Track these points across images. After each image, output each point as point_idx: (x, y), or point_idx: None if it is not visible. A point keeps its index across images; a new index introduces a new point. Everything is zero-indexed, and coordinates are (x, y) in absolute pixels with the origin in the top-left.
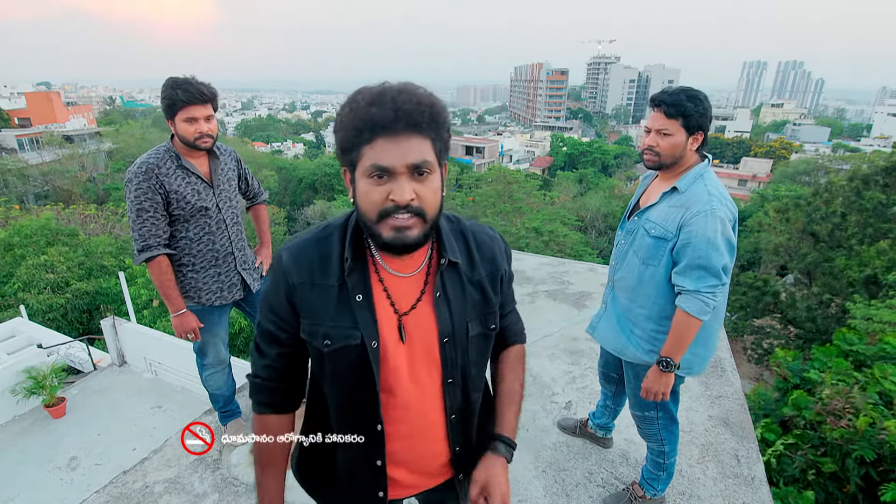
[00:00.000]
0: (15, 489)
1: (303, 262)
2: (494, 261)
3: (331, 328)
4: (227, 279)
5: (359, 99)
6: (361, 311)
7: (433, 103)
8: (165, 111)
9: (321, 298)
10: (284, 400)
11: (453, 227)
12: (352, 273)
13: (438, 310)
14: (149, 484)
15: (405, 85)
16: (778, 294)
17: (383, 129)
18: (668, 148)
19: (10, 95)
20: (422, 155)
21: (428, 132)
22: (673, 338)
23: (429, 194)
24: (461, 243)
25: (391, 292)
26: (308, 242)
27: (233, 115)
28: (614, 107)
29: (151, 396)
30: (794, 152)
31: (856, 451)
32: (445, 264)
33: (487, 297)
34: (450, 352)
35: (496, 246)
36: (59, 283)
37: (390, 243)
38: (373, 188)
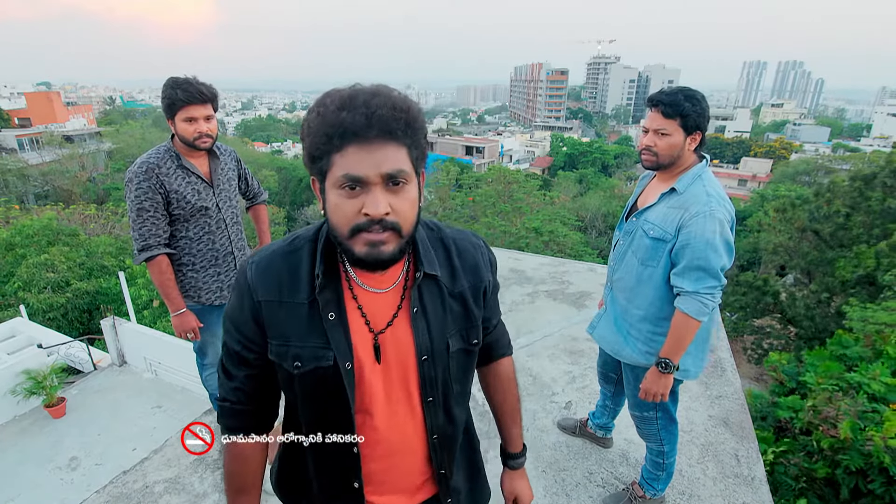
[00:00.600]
0: (15, 489)
1: (270, 277)
2: (477, 271)
3: (301, 349)
4: (226, 279)
5: (328, 102)
6: (334, 330)
7: (409, 107)
8: (165, 111)
9: (290, 317)
10: (256, 423)
11: (433, 235)
12: (323, 290)
13: (416, 326)
14: (149, 484)
15: (378, 87)
16: (778, 294)
17: (355, 135)
18: (666, 148)
19: (11, 95)
20: (397, 164)
21: (403, 139)
22: (672, 339)
23: (405, 206)
24: (441, 253)
25: (366, 309)
26: (275, 256)
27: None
28: (614, 107)
29: (151, 396)
30: (794, 152)
31: (845, 460)
32: (421, 278)
33: (469, 311)
34: (429, 370)
35: (479, 255)
36: (60, 283)
37: (364, 259)
38: (344, 201)
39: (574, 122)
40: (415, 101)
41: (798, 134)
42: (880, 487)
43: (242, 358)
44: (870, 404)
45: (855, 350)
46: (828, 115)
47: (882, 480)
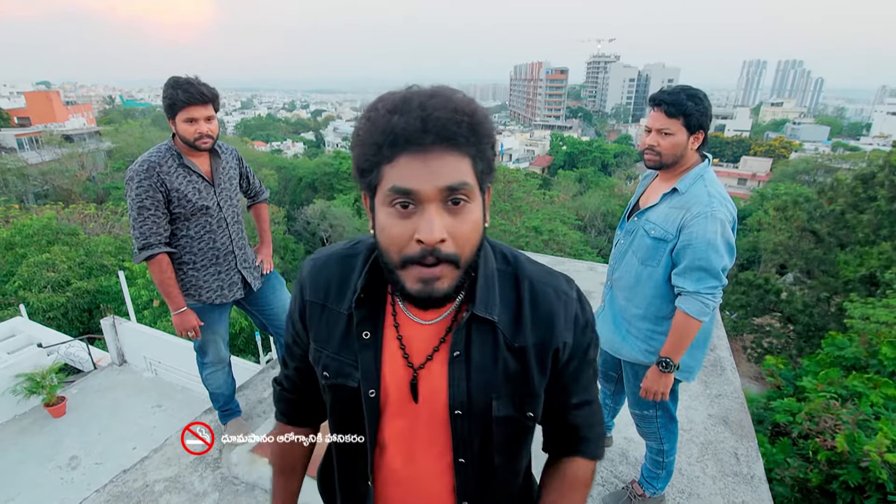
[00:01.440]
0: (15, 488)
1: (321, 278)
2: (552, 326)
3: (331, 360)
4: (227, 278)
5: (379, 107)
6: (365, 351)
7: (474, 110)
8: (166, 111)
9: (329, 324)
10: (299, 415)
11: (505, 270)
12: (362, 305)
13: (452, 373)
14: (149, 483)
15: (437, 88)
16: (779, 292)
17: (408, 142)
18: (669, 147)
19: (10, 95)
20: (458, 175)
21: (466, 147)
22: (673, 339)
23: (465, 230)
24: (509, 293)
25: (406, 341)
26: (332, 258)
27: (232, 115)
28: (614, 106)
29: (152, 395)
30: (794, 151)
31: (843, 475)
32: (466, 318)
33: (528, 374)
34: (461, 428)
35: (562, 306)
36: (60, 282)
37: (415, 297)
38: (394, 222)
39: (574, 121)
40: (481, 105)
41: (798, 133)
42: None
43: (292, 351)
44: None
45: (850, 351)
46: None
47: (878, 497)
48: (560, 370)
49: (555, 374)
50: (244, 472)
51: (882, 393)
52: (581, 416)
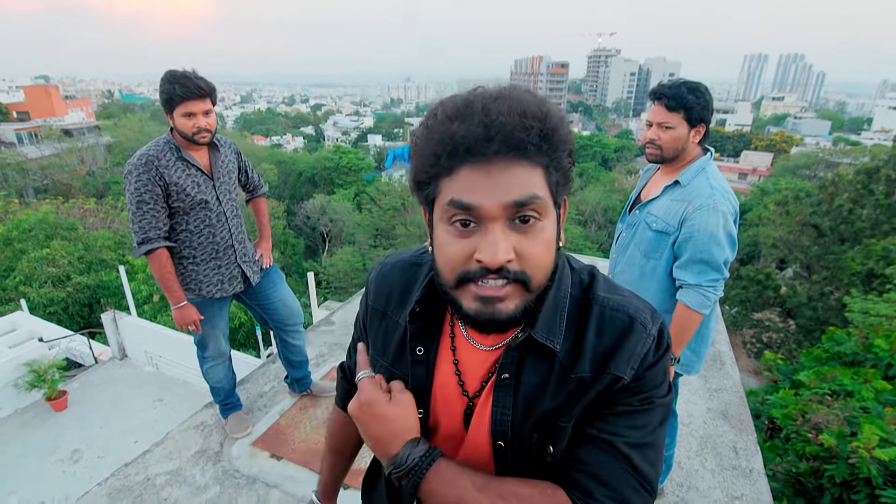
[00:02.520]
0: (18, 481)
1: (384, 285)
2: (612, 358)
3: (384, 370)
4: (227, 272)
5: (438, 112)
6: (418, 367)
7: (547, 114)
8: (164, 105)
9: (387, 333)
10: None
11: (579, 295)
12: (417, 319)
13: (497, 398)
14: (150, 476)
15: (504, 89)
16: (778, 288)
17: (469, 152)
18: (670, 141)
19: (9, 89)
20: (527, 188)
21: (538, 157)
22: (674, 331)
23: (537, 250)
24: (575, 319)
25: (463, 366)
26: (398, 265)
27: (232, 109)
28: (615, 100)
29: (152, 389)
30: (795, 146)
31: (831, 470)
32: (522, 338)
33: (567, 405)
34: (505, 460)
35: (632, 340)
36: (60, 277)
37: (474, 318)
38: (452, 240)
39: (574, 116)
40: (556, 106)
41: (799, 127)
42: (864, 499)
43: (354, 345)
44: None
45: (849, 346)
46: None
47: (867, 492)
48: (604, 404)
49: (597, 408)
50: (245, 465)
51: (872, 387)
52: (594, 456)
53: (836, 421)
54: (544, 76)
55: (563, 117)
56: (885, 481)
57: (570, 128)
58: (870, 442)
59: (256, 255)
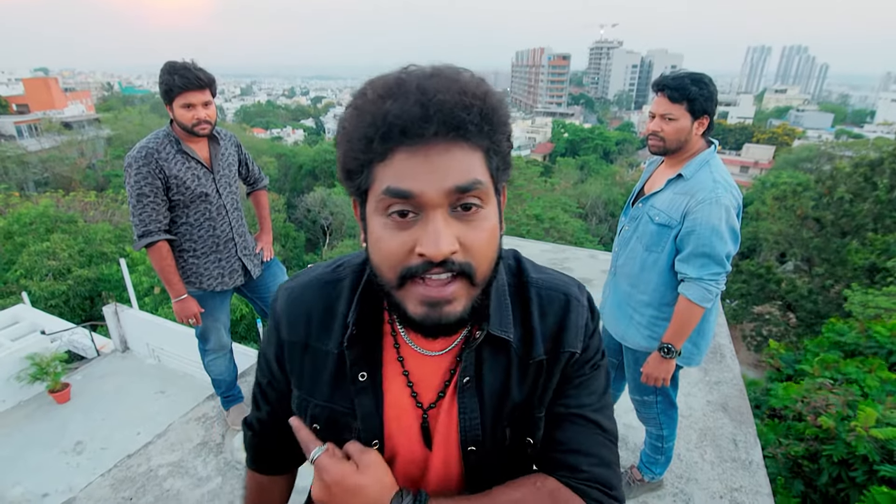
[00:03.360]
0: (22, 472)
1: (299, 311)
2: (561, 336)
3: (321, 409)
4: (228, 265)
5: (367, 92)
6: (363, 396)
7: (486, 93)
8: (163, 96)
9: (315, 366)
10: (274, 462)
11: (513, 281)
12: (356, 342)
13: (462, 404)
14: (153, 467)
15: (440, 67)
16: (779, 282)
17: (404, 133)
18: (673, 133)
19: (8, 81)
20: (470, 173)
21: (478, 139)
22: (675, 325)
23: (481, 241)
24: (518, 308)
25: (413, 377)
26: (311, 285)
27: (232, 101)
28: (616, 92)
29: (154, 382)
30: (797, 139)
31: (829, 450)
32: (481, 338)
33: (535, 391)
34: (475, 464)
35: (572, 315)
36: (61, 270)
37: (420, 323)
38: (389, 234)
39: (576, 108)
40: (493, 87)
41: (801, 120)
42: (862, 476)
43: (267, 395)
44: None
45: (851, 337)
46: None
47: (864, 469)
48: (563, 380)
49: (558, 387)
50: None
51: (877, 376)
52: (568, 433)
53: (837, 405)
54: (546, 68)
55: (502, 98)
56: (882, 459)
57: (508, 109)
58: (867, 421)
59: (257, 248)
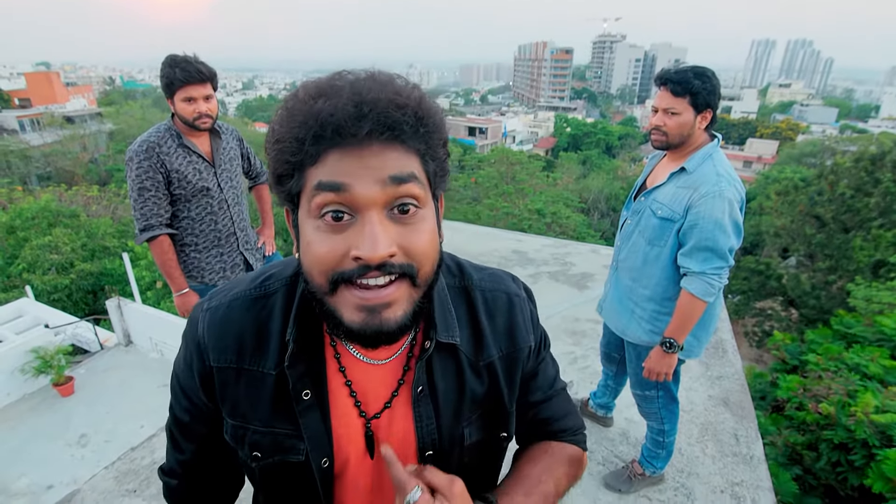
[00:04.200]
0: (28, 464)
1: (227, 334)
2: (514, 335)
3: (262, 436)
4: (229, 259)
5: (299, 94)
6: (309, 414)
7: (421, 97)
8: (164, 90)
9: (251, 391)
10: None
11: (454, 283)
12: (297, 361)
13: (418, 412)
14: (156, 460)
15: (373, 71)
16: (780, 278)
17: (338, 133)
18: (675, 127)
19: (10, 76)
20: (405, 166)
21: (413, 141)
22: (677, 319)
23: (421, 241)
24: (464, 309)
25: (357, 386)
26: (239, 303)
27: (233, 96)
28: (619, 86)
29: (158, 375)
30: (801, 133)
31: (829, 435)
32: (431, 349)
33: (498, 390)
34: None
35: (518, 311)
36: (64, 265)
37: (358, 332)
38: (321, 237)
39: (578, 103)
40: (428, 96)
41: (805, 115)
42: (861, 460)
43: (192, 431)
44: (861, 383)
45: (858, 330)
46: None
47: (863, 454)
48: (526, 374)
49: (521, 381)
50: None
51: (881, 364)
52: (550, 409)
53: (838, 392)
54: (548, 62)
55: (439, 108)
56: (882, 443)
57: (444, 116)
58: (867, 406)
59: (259, 242)
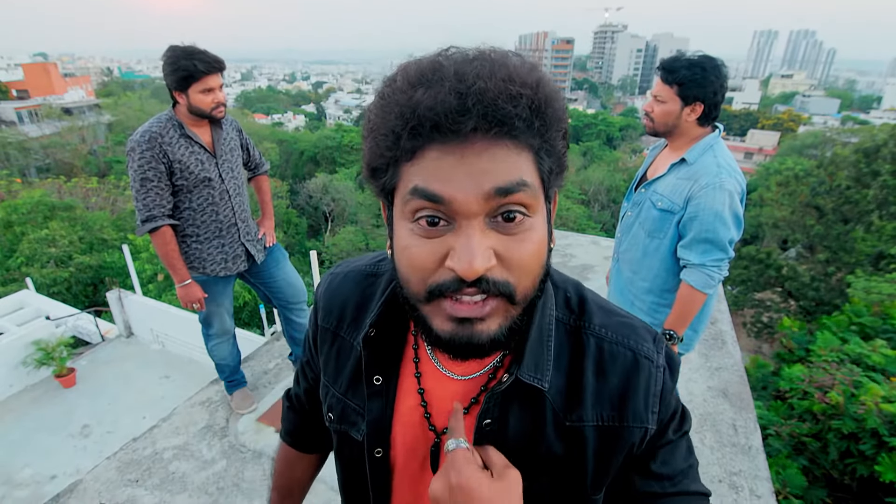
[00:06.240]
0: (31, 455)
1: (336, 299)
2: (625, 406)
3: (336, 400)
4: (231, 250)
5: (398, 79)
6: (375, 399)
7: (539, 81)
8: (178, 82)
9: (340, 356)
10: (305, 439)
11: (567, 319)
12: (373, 343)
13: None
14: (158, 450)
15: (484, 50)
16: (780, 267)
17: (437, 129)
18: (660, 115)
19: (7, 66)
20: (513, 174)
21: (527, 136)
22: (677, 311)
23: (524, 255)
24: (567, 355)
25: (429, 396)
26: (351, 275)
27: (232, 87)
28: (620, 77)
29: (159, 367)
30: (803, 125)
31: (837, 425)
32: (508, 383)
33: (582, 465)
34: None
35: (642, 379)
36: (62, 258)
37: (448, 342)
38: (417, 242)
39: (579, 94)
40: (548, 75)
41: (807, 106)
42: (871, 450)
43: (305, 372)
44: (864, 374)
45: (867, 319)
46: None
47: (873, 443)
48: (638, 458)
49: (627, 462)
50: (251, 440)
51: (882, 354)
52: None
53: (844, 383)
54: (549, 52)
55: (557, 88)
56: (892, 433)
57: (565, 102)
58: (876, 396)
59: (259, 233)
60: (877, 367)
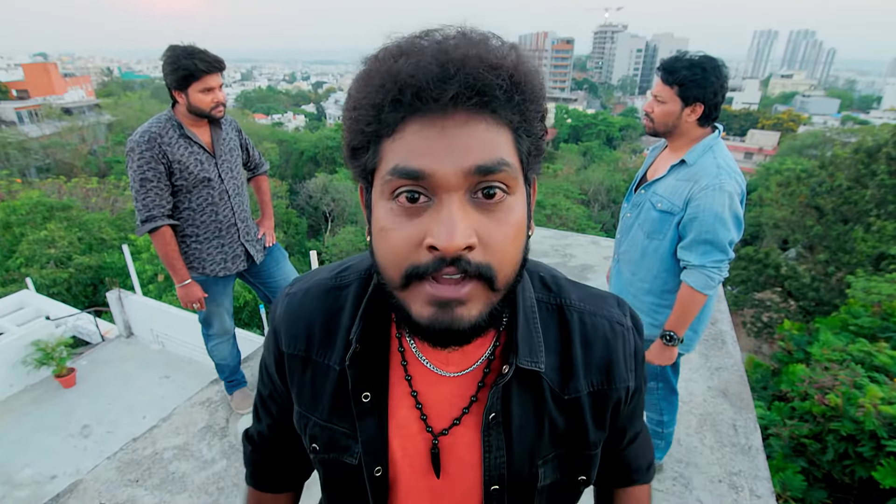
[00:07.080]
0: (31, 455)
1: (299, 322)
2: (611, 371)
3: (321, 430)
4: (230, 250)
5: (380, 53)
6: (367, 417)
7: (518, 60)
8: (179, 81)
9: (315, 382)
10: (274, 479)
11: (547, 299)
12: (359, 360)
13: (488, 442)
14: (158, 450)
15: (465, 28)
16: (779, 267)
17: (418, 98)
18: (660, 115)
19: (7, 67)
20: (494, 151)
21: (507, 112)
22: (677, 312)
23: (504, 235)
24: (554, 332)
25: (423, 398)
26: (312, 292)
27: (232, 87)
28: (620, 77)
29: (159, 367)
30: (803, 125)
31: (836, 426)
32: (509, 374)
33: (583, 430)
34: (498, 502)
35: (620, 344)
36: (62, 258)
37: (427, 328)
38: (395, 221)
39: (579, 94)
40: (527, 55)
41: (807, 106)
42: (869, 451)
43: (268, 407)
44: (866, 374)
45: (865, 320)
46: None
47: (872, 445)
48: (619, 415)
49: (613, 422)
50: None
51: (888, 354)
52: (634, 451)
53: (845, 384)
54: (549, 52)
55: (537, 71)
56: (890, 435)
57: (545, 87)
58: (875, 398)
59: (259, 233)
60: (881, 367)
